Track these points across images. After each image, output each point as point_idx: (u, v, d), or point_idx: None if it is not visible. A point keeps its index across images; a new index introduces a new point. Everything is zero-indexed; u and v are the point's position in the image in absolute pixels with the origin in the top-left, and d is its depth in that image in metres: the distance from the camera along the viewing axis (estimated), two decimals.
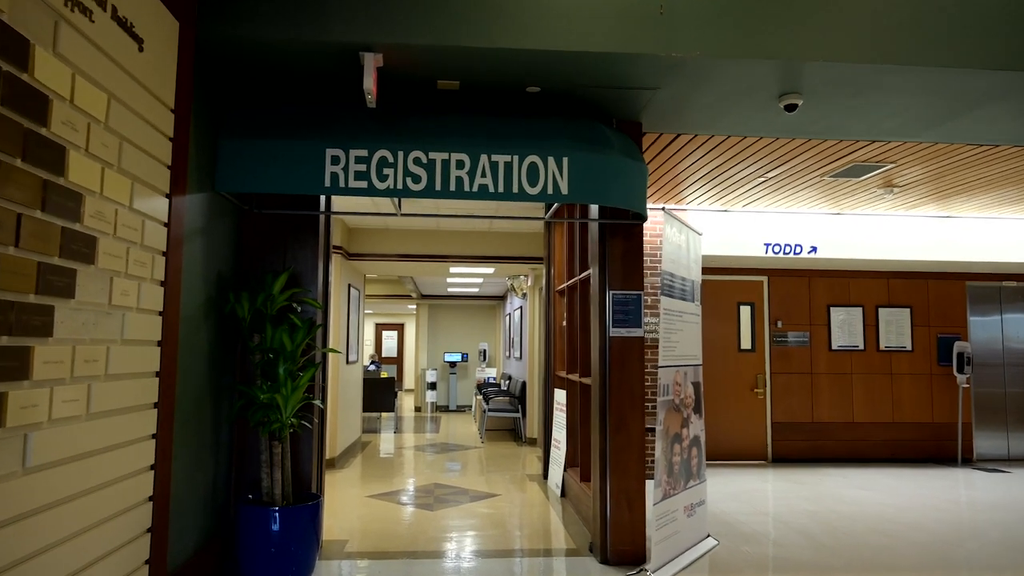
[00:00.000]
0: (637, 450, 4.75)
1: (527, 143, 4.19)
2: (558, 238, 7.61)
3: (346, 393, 9.19)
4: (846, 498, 6.86)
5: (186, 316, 3.59)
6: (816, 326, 9.29)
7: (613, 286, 4.83)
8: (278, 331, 4.18)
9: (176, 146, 3.36)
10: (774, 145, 5.53)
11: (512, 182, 4.15)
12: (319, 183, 4.04)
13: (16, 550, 2.18)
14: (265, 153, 4.02)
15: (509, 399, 11.69)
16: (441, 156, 4.11)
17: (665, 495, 4.53)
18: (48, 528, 2.35)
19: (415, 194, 4.09)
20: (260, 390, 4.04)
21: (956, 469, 8.72)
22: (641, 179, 4.47)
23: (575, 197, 4.21)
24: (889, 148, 5.58)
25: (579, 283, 6.29)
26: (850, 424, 9.19)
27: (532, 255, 9.55)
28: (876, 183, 6.76)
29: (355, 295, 9.89)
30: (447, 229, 9.40)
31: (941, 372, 9.39)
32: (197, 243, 3.76)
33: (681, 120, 4.89)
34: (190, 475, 3.71)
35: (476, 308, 17.66)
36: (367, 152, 4.07)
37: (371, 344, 23.66)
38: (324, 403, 4.90)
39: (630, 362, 4.79)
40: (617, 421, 4.76)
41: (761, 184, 6.85)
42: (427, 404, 16.35)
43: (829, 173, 6.35)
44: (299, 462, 4.53)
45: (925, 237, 8.27)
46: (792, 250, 8.13)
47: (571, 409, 6.80)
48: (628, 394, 4.78)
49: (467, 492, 7.00)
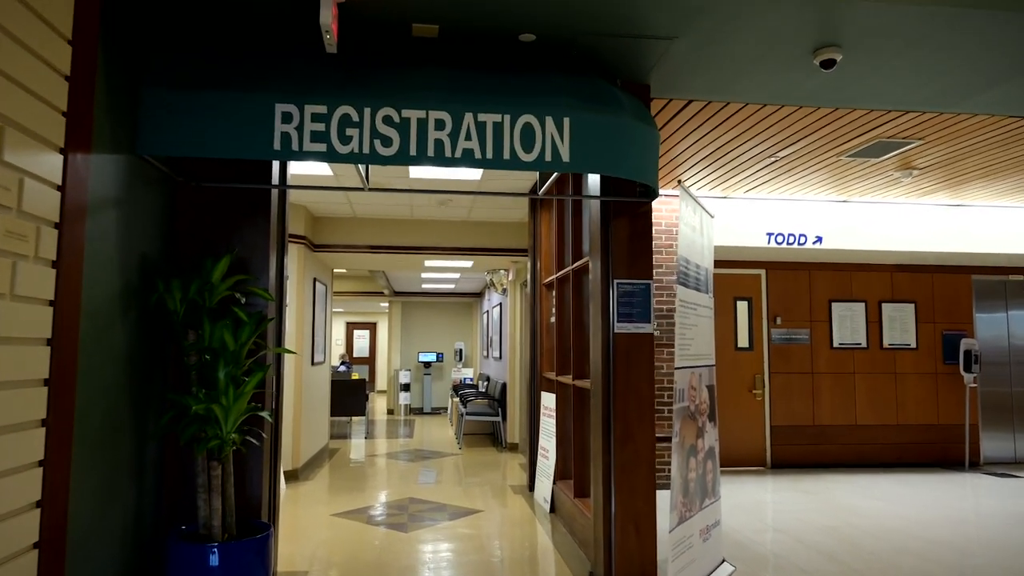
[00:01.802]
0: (646, 465, 4.08)
1: (521, 100, 3.49)
2: (545, 225, 6.92)
3: (311, 397, 8.41)
4: (861, 510, 6.26)
5: (92, 308, 2.83)
6: (817, 322, 8.72)
7: (618, 274, 4.15)
8: (218, 327, 3.43)
9: (76, 88, 2.60)
10: (794, 117, 4.90)
11: (503, 146, 3.44)
12: (267, 146, 3.30)
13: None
14: (199, 108, 3.27)
15: (488, 402, 10.98)
16: (417, 114, 3.39)
17: (681, 519, 3.86)
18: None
19: (385, 160, 3.36)
20: (193, 399, 3.29)
21: (964, 474, 8.21)
22: (653, 147, 3.80)
23: (578, 166, 3.52)
24: (920, 122, 4.98)
25: (572, 274, 5.60)
26: (853, 427, 8.64)
27: (513, 247, 8.85)
28: (894, 165, 6.17)
29: (321, 290, 9.11)
30: (421, 218, 8.66)
31: (947, 371, 8.88)
32: (110, 217, 3.00)
33: (695, 82, 4.23)
34: (100, 509, 2.95)
35: (452, 305, 16.92)
36: (326, 108, 3.34)
37: (342, 344, 22.79)
38: (278, 413, 4.15)
39: (638, 363, 4.11)
40: (623, 431, 4.08)
41: (770, 166, 6.23)
42: (400, 407, 15.57)
43: (848, 152, 5.74)
44: (246, 485, 3.77)
45: (934, 226, 7.73)
46: (796, 240, 7.54)
47: (562, 415, 6.12)
48: (635, 400, 4.10)
49: (445, 508, 6.27)
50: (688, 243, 4.07)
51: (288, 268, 7.72)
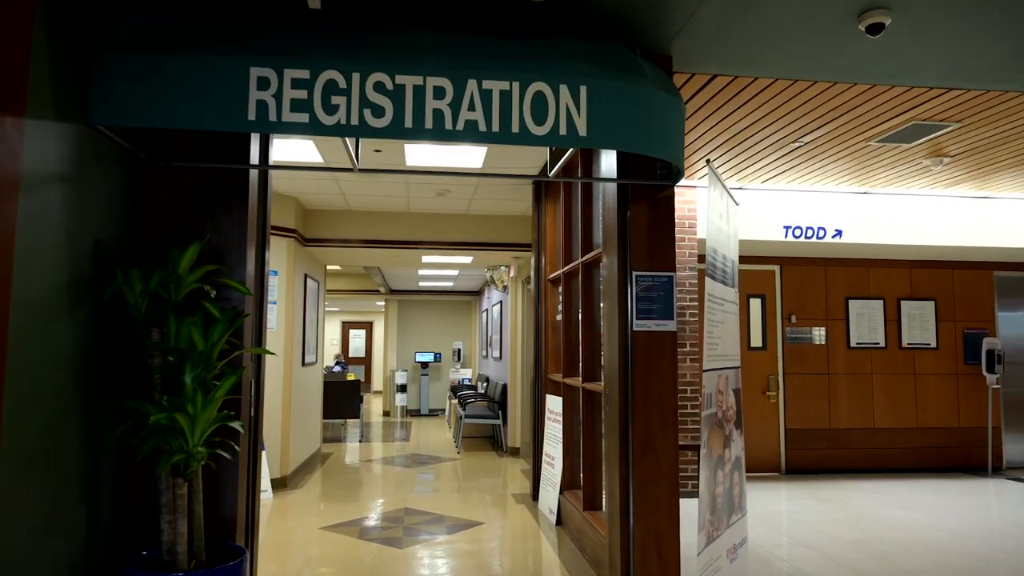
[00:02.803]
0: (669, 479, 3.66)
1: (532, 66, 3.06)
2: (550, 217, 6.50)
3: (302, 399, 7.97)
4: (889, 521, 5.85)
5: (27, 299, 2.40)
6: (833, 321, 8.31)
7: (637, 266, 3.72)
8: (185, 324, 3.00)
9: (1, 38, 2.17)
10: (826, 95, 4.48)
11: (511, 119, 3.02)
12: (240, 116, 2.86)
13: None
14: (161, 72, 2.84)
15: (488, 404, 10.55)
16: (413, 81, 2.96)
17: (709, 539, 3.44)
18: None
19: (376, 132, 2.93)
20: (154, 406, 2.86)
21: (988, 480, 7.81)
22: (679, 121, 3.37)
23: (596, 140, 3.09)
24: (960, 102, 4.56)
25: (581, 267, 5.18)
26: (870, 430, 8.23)
27: (515, 241, 8.42)
28: (924, 152, 5.76)
29: (313, 287, 8.67)
30: (419, 211, 8.23)
31: (968, 372, 8.48)
32: (54, 195, 2.56)
33: (722, 53, 3.81)
34: (40, 534, 2.51)
35: (450, 304, 16.49)
36: (308, 73, 2.91)
37: (337, 344, 22.35)
38: (257, 421, 3.72)
39: (660, 364, 3.69)
40: (643, 441, 3.65)
41: (792, 153, 5.81)
42: (397, 408, 15.14)
43: (878, 137, 5.33)
44: (219, 503, 3.34)
45: (958, 219, 7.31)
46: (815, 234, 7.12)
47: (569, 420, 5.69)
48: (657, 406, 3.68)
49: (443, 520, 5.84)
50: (716, 231, 3.65)
51: (276, 262, 7.31)
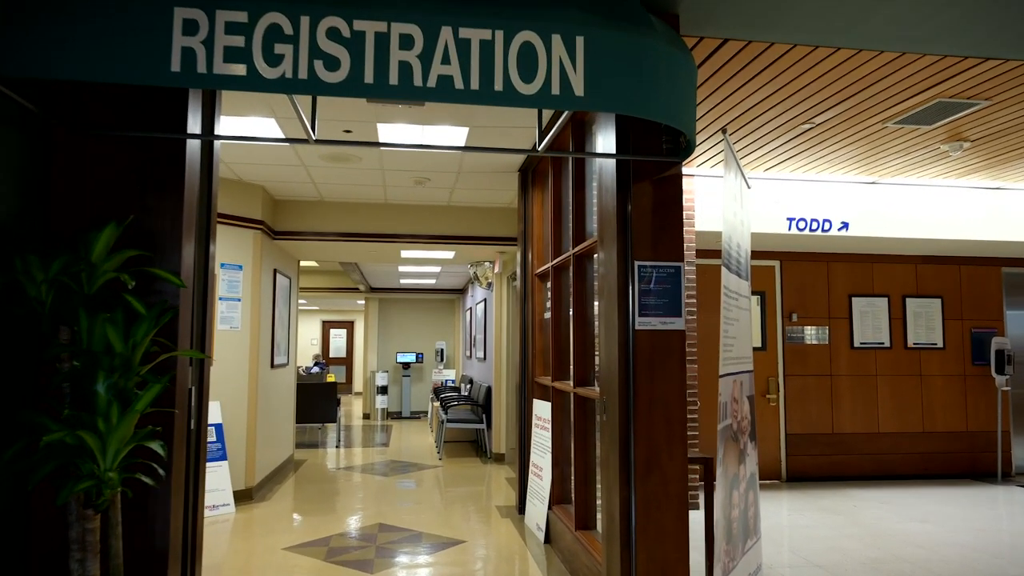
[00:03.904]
0: (677, 502, 3.17)
1: (518, 13, 2.56)
2: (537, 206, 6.00)
3: (271, 404, 7.42)
4: (905, 536, 5.40)
5: None
6: (836, 319, 7.88)
7: (639, 255, 3.23)
8: (99, 322, 2.47)
9: None
10: (848, 65, 4.01)
11: (493, 74, 2.51)
12: (160, 66, 2.34)
13: None
14: (64, 11, 2.30)
15: (471, 407, 10.04)
16: (375, 27, 2.45)
17: (725, 572, 2.95)
18: None
19: (330, 88, 2.41)
20: (53, 422, 2.32)
21: (997, 487, 7.40)
22: (691, 85, 2.88)
23: (594, 102, 2.59)
24: (995, 75, 4.11)
25: (573, 260, 4.68)
26: (875, 435, 7.80)
27: (500, 235, 7.92)
28: (942, 136, 5.32)
29: (284, 284, 8.12)
30: (397, 202, 7.71)
31: (976, 373, 8.08)
32: None
33: (736, 13, 3.32)
34: None
35: (432, 302, 15.95)
36: (247, 16, 2.38)
37: (317, 344, 21.74)
38: (198, 437, 3.19)
39: (667, 369, 3.20)
40: (647, 458, 3.16)
41: (801, 136, 5.35)
42: (377, 411, 14.59)
43: (897, 117, 4.88)
44: (148, 536, 2.81)
45: (971, 211, 6.88)
46: (820, 226, 6.67)
47: (559, 428, 5.20)
48: (663, 417, 3.19)
49: (421, 537, 5.33)
50: (731, 215, 3.17)
51: (241, 256, 6.66)
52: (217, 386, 6.36)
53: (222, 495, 6.03)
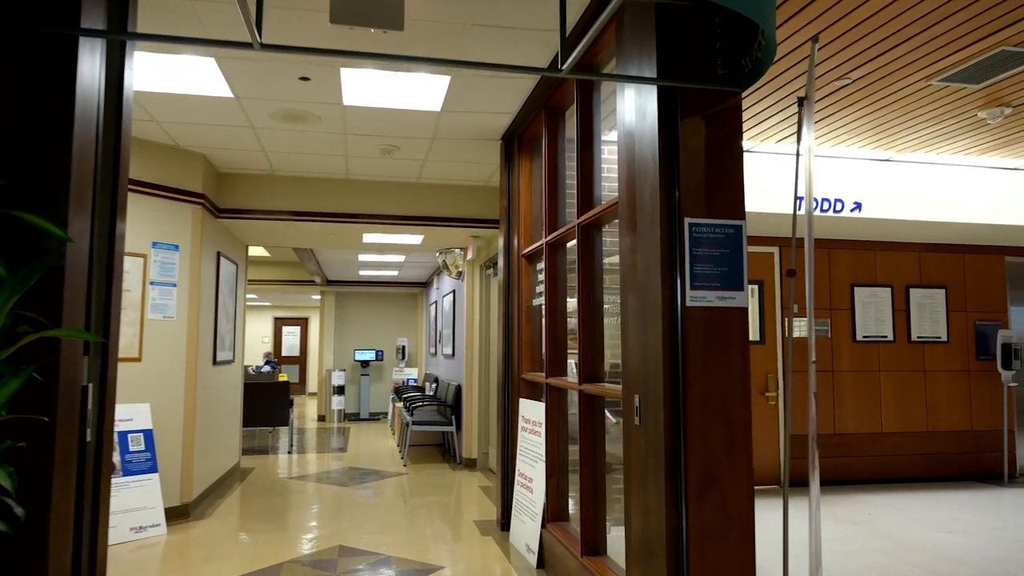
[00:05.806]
0: (741, 532, 2.43)
1: None
2: (524, 178, 5.22)
3: (213, 406, 6.49)
4: (937, 549, 4.80)
5: None
6: (838, 311, 7.31)
7: (690, 211, 2.49)
8: None
9: None
10: (905, 2, 3.35)
11: None
12: None
13: None
14: None
15: (439, 408, 9.22)
16: None
17: None
18: None
19: None
20: None
21: (1005, 490, 6.91)
22: None
23: None
24: None
25: (579, 231, 3.91)
26: (879, 435, 7.26)
27: (475, 216, 7.13)
28: (982, 101, 4.73)
29: (230, 269, 7.18)
30: (360, 177, 6.85)
31: (980, 368, 7.60)
32: None
33: None
34: None
35: (394, 297, 15.04)
36: None
37: (269, 342, 20.58)
38: (97, 452, 2.33)
39: (727, 358, 2.47)
40: (701, 475, 2.42)
41: (831, 96, 4.70)
42: (333, 412, 13.63)
43: (945, 72, 4.25)
44: None
45: (982, 195, 6.35)
46: (832, 207, 6.06)
47: (555, 432, 4.43)
48: (723, 422, 2.45)
49: (390, 562, 4.51)
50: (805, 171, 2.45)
51: (178, 235, 5.66)
52: (147, 385, 5.43)
53: (151, 514, 5.11)
